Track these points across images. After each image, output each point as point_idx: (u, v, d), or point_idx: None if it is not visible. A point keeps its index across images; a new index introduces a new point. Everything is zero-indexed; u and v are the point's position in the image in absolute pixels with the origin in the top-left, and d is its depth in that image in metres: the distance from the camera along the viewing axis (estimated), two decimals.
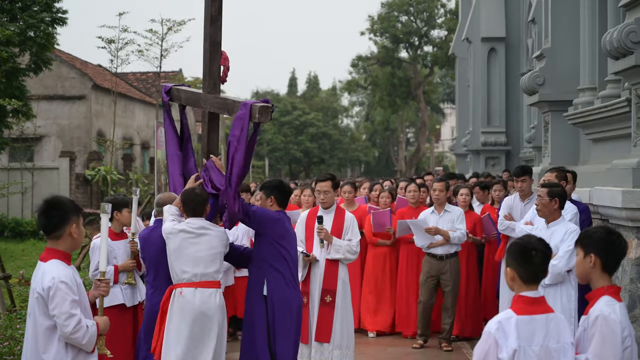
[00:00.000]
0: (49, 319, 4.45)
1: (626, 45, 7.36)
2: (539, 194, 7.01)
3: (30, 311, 4.54)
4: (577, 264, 4.27)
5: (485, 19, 20.05)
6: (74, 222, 4.57)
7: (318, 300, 7.70)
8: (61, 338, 4.46)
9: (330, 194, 7.87)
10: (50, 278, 4.43)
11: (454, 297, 9.52)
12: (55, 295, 4.41)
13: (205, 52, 6.56)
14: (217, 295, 6.22)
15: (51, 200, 4.61)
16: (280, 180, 6.50)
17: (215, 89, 6.58)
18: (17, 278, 12.64)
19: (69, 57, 31.33)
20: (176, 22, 21.33)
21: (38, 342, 4.48)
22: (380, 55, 47.61)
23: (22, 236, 22.06)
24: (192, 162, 6.86)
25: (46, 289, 4.42)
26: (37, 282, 4.51)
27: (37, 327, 4.49)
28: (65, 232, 4.56)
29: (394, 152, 64.65)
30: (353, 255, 7.78)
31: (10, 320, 8.76)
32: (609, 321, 4.03)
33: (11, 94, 17.98)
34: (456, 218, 9.47)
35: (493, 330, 3.95)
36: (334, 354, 7.63)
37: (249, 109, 6.08)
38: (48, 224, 4.56)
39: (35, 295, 4.48)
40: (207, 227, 6.29)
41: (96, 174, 25.98)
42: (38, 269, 4.57)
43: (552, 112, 11.77)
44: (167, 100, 6.92)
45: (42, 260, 4.59)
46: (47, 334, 4.47)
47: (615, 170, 7.79)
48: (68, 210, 4.56)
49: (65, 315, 4.40)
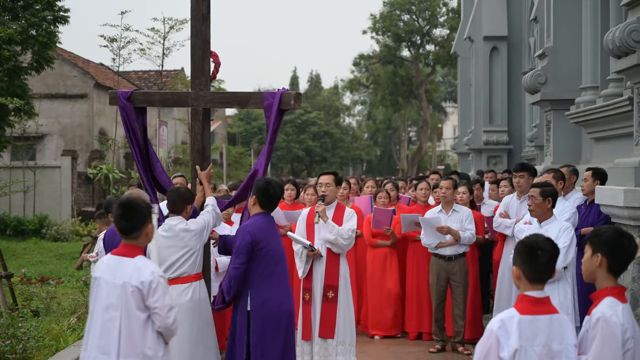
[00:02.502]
0: (145, 312, 4.70)
1: (628, 44, 7.35)
2: (531, 194, 7.03)
3: (118, 304, 4.71)
4: (583, 261, 4.23)
5: (487, 18, 20.02)
6: (150, 223, 4.83)
7: (320, 296, 7.73)
8: (157, 329, 4.73)
9: (331, 187, 7.93)
10: (149, 272, 4.69)
11: (463, 300, 9.35)
12: (157, 289, 4.68)
13: (197, 50, 6.71)
14: (190, 290, 6.37)
15: (128, 204, 4.80)
16: (268, 181, 6.30)
17: (207, 86, 6.71)
18: (19, 276, 12.65)
19: (71, 56, 31.33)
20: (178, 21, 21.39)
21: (134, 334, 4.70)
22: (382, 54, 47.57)
23: (24, 235, 22.06)
24: (159, 166, 6.94)
25: (147, 282, 4.67)
26: (131, 276, 4.70)
27: (132, 320, 4.70)
28: (142, 232, 4.81)
29: (395, 151, 64.62)
30: (345, 240, 7.73)
31: (12, 319, 8.77)
32: (609, 323, 3.98)
33: (13, 93, 17.98)
34: (465, 218, 9.32)
35: (495, 329, 3.93)
36: (338, 350, 7.65)
37: (279, 97, 6.31)
38: (129, 226, 4.78)
39: (130, 289, 4.68)
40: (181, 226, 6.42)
41: (98, 172, 25.98)
42: (125, 264, 4.75)
43: (554, 111, 11.77)
44: (131, 106, 6.80)
45: (127, 256, 4.78)
46: (144, 326, 4.71)
47: (618, 169, 7.78)
48: (145, 213, 4.80)
49: (167, 307, 4.70)
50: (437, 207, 9.57)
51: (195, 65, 6.69)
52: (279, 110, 6.40)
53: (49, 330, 9.23)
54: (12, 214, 23.05)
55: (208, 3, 6.71)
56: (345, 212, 7.94)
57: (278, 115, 6.43)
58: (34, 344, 8.31)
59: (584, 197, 8.57)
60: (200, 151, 6.67)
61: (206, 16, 6.69)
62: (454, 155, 46.67)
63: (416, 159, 51.10)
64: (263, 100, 6.43)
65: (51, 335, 9.09)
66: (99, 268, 4.90)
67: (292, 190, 10.63)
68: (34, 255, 18.37)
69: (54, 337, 9.07)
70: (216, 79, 6.94)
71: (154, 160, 6.90)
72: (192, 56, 6.70)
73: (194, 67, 6.71)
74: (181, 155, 31.80)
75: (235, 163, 36.62)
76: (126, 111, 6.79)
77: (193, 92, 6.68)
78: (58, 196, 24.38)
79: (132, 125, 6.78)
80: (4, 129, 19.57)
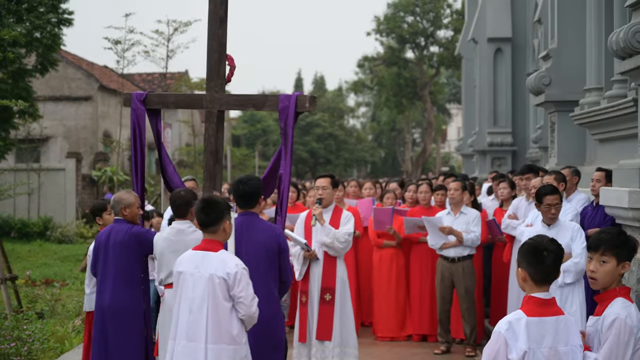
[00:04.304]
0: (230, 301, 5.12)
1: (632, 45, 7.33)
2: (556, 202, 7.10)
3: (205, 295, 5.10)
4: (607, 272, 4.29)
5: (492, 20, 20.00)
6: (227, 219, 5.24)
7: (317, 298, 7.74)
8: (241, 317, 5.14)
9: (328, 190, 7.97)
10: (234, 265, 5.11)
11: (469, 302, 9.30)
12: (241, 280, 5.10)
13: (213, 53, 6.67)
14: None
15: (209, 200, 5.25)
16: (238, 180, 6.19)
17: (222, 88, 6.71)
18: (24, 279, 12.67)
19: (75, 58, 31.39)
20: (182, 23, 21.39)
21: (221, 322, 5.11)
22: (386, 56, 47.55)
23: (28, 237, 22.07)
24: (171, 168, 6.93)
25: (232, 274, 5.08)
26: (217, 268, 5.11)
27: (220, 309, 5.10)
28: (221, 227, 5.21)
29: (400, 153, 64.58)
30: (341, 244, 7.74)
31: (17, 321, 8.77)
32: (625, 325, 4.09)
33: (17, 95, 18.01)
34: (471, 220, 9.30)
35: (503, 331, 3.94)
36: (335, 352, 7.65)
37: (294, 100, 6.35)
38: (208, 220, 5.20)
39: (217, 281, 5.08)
40: (186, 231, 6.45)
41: (102, 174, 26.00)
42: (210, 258, 5.15)
43: (558, 112, 11.75)
44: (143, 108, 6.79)
45: (211, 251, 5.18)
46: (230, 315, 5.12)
47: (622, 170, 7.76)
48: (224, 209, 5.22)
49: (250, 297, 5.14)
50: (445, 210, 9.56)
51: (211, 67, 6.67)
52: (295, 113, 6.42)
53: (54, 333, 9.25)
54: (16, 216, 23.07)
55: (226, 7, 6.67)
56: (342, 215, 7.96)
57: (294, 118, 6.44)
58: (39, 346, 8.32)
59: (586, 198, 8.56)
60: (213, 153, 6.67)
61: (223, 19, 6.66)
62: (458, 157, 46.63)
63: (420, 161, 51.07)
64: (278, 103, 6.44)
65: (56, 337, 9.11)
66: (182, 263, 5.25)
67: (292, 193, 10.67)
68: (39, 257, 18.39)
69: (59, 339, 9.09)
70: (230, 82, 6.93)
71: (167, 163, 6.90)
72: (208, 59, 6.68)
73: (210, 70, 6.68)
74: (185, 157, 31.83)
75: (239, 165, 36.65)
76: (137, 114, 6.80)
77: (208, 94, 6.68)
78: (62, 198, 24.40)
79: (141, 129, 6.80)
80: (8, 131, 19.61)
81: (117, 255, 6.54)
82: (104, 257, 6.64)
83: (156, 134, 6.90)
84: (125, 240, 6.54)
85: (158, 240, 6.52)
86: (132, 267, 6.55)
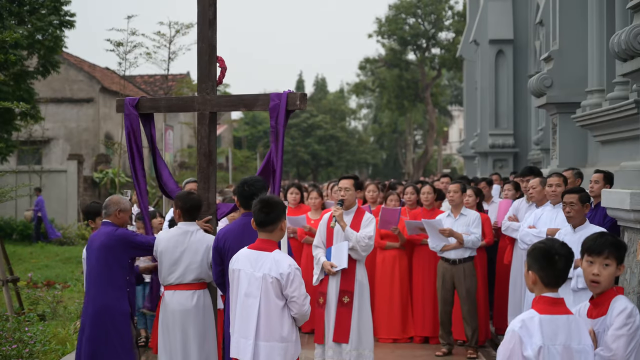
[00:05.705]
0: (282, 300, 5.22)
1: (634, 47, 7.33)
2: (571, 201, 7.04)
3: (258, 293, 5.22)
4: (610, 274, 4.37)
5: (493, 21, 20.01)
6: (284, 219, 5.36)
7: (335, 301, 7.73)
8: (293, 315, 5.26)
9: (351, 191, 7.92)
10: (287, 265, 5.21)
11: (470, 304, 9.25)
12: (294, 280, 5.20)
13: (203, 55, 6.73)
14: (195, 296, 6.39)
15: (269, 200, 5.34)
16: (243, 181, 6.20)
17: (213, 90, 6.74)
18: (26, 281, 12.67)
19: (77, 60, 31.41)
20: (184, 25, 21.40)
21: (272, 320, 5.22)
22: (388, 58, 47.57)
23: (30, 239, 22.10)
24: (166, 173, 6.93)
25: (285, 274, 5.18)
26: (270, 268, 5.21)
27: (272, 307, 5.22)
28: (278, 226, 5.33)
29: (401, 155, 64.57)
30: (362, 247, 7.71)
31: (18, 323, 8.77)
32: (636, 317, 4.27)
33: (19, 97, 18.05)
34: (472, 222, 9.26)
35: (517, 329, 3.95)
36: (352, 355, 7.64)
37: (285, 97, 6.33)
38: (267, 219, 5.29)
39: (270, 280, 5.19)
40: (193, 232, 6.43)
41: (104, 176, 26.02)
42: (264, 258, 5.25)
43: (560, 114, 11.75)
44: (136, 114, 6.81)
45: (266, 250, 5.28)
46: (281, 313, 5.23)
47: (624, 172, 7.76)
48: (281, 209, 5.34)
49: (303, 296, 5.23)
50: (446, 212, 9.55)
51: (202, 69, 6.72)
52: (285, 111, 6.41)
53: (55, 334, 9.25)
54: (18, 218, 23.08)
55: (214, 9, 6.75)
56: (364, 217, 7.91)
57: (285, 117, 6.43)
58: (40, 348, 8.32)
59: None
60: (206, 154, 6.69)
61: (212, 21, 6.72)
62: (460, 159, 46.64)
63: (422, 163, 51.05)
64: (269, 101, 6.44)
65: (57, 339, 9.10)
66: (238, 261, 5.34)
67: (296, 194, 10.67)
68: (40, 259, 18.40)
69: (60, 341, 9.08)
70: (222, 83, 6.93)
71: (162, 167, 6.91)
72: (198, 61, 6.72)
73: (201, 72, 6.73)
74: (187, 159, 31.85)
75: (241, 167, 36.67)
76: (130, 119, 6.80)
77: (199, 96, 6.71)
78: (64, 200, 24.43)
79: (135, 134, 6.81)
80: (10, 133, 19.64)
81: (101, 257, 6.50)
82: (89, 260, 6.66)
83: (150, 138, 6.91)
84: (109, 242, 6.50)
85: (161, 239, 6.49)
86: (116, 270, 6.51)
